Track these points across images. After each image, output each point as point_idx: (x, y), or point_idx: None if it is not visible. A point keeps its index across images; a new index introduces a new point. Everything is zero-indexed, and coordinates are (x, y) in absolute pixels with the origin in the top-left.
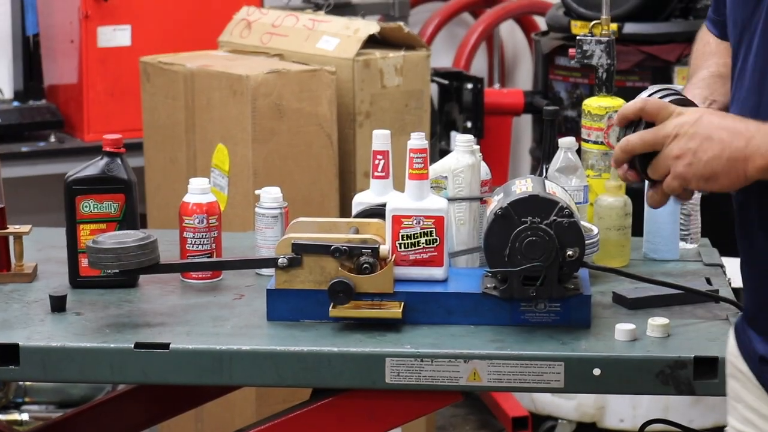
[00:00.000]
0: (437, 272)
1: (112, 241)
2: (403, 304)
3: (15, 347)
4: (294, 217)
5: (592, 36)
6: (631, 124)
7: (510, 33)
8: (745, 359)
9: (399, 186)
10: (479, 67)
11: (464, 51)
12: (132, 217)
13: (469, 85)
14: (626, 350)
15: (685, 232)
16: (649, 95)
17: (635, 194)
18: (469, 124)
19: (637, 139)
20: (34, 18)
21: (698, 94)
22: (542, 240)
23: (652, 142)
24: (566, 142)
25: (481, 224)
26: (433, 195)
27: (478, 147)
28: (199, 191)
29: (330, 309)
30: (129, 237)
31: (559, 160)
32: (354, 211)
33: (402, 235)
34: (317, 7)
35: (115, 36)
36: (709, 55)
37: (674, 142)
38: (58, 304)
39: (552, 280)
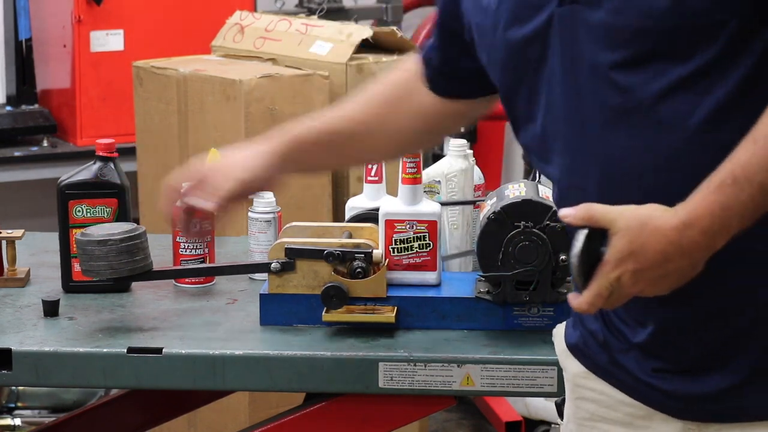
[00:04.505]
0: (430, 277)
1: (102, 233)
2: (396, 308)
3: (8, 352)
4: (287, 222)
5: None
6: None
7: None
8: (603, 377)
9: (392, 190)
10: None
11: None
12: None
13: None
14: None
15: None
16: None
17: None
18: (462, 129)
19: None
20: (26, 22)
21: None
22: (535, 244)
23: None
24: None
25: (475, 229)
26: (427, 199)
27: (471, 151)
28: None
29: (323, 313)
30: (116, 229)
31: None
32: (347, 216)
33: (395, 240)
34: (310, 12)
35: (108, 40)
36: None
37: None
38: (50, 309)
39: (545, 284)
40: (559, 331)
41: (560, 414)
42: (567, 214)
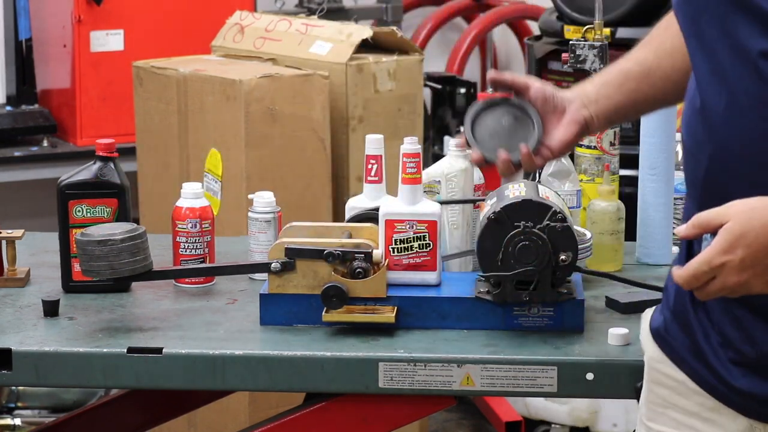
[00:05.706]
0: (430, 277)
1: (102, 233)
2: (396, 308)
3: (8, 352)
4: (287, 222)
5: (585, 41)
6: None
7: (503, 37)
8: (678, 365)
9: (392, 190)
10: (472, 71)
11: (457, 55)
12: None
13: (462, 90)
14: (619, 355)
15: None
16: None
17: (628, 199)
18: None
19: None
20: (26, 22)
21: (594, 85)
22: (535, 244)
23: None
24: None
25: (475, 228)
26: (426, 199)
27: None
28: (192, 196)
29: (323, 313)
30: (116, 229)
31: (552, 164)
32: (347, 216)
33: (395, 240)
34: (310, 12)
35: (108, 40)
36: (663, 36)
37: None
38: (50, 309)
39: (545, 284)
40: (647, 315)
41: (638, 398)
42: (683, 234)
